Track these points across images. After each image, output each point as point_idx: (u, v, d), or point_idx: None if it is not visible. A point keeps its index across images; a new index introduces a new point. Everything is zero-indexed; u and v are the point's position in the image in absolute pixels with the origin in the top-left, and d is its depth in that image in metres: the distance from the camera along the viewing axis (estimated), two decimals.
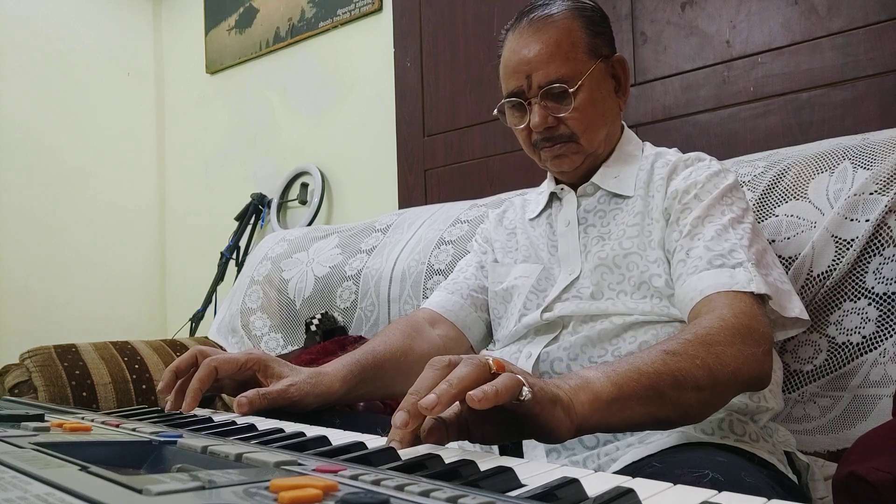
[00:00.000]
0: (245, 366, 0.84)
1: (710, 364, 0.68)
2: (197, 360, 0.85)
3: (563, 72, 0.94)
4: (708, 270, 0.83)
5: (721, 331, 0.73)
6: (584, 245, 0.98)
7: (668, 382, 0.65)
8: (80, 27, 3.15)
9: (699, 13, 1.73)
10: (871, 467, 0.69)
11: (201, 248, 3.14)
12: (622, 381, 0.63)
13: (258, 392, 0.80)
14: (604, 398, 0.61)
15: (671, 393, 0.65)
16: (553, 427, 0.57)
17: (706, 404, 0.70)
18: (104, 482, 0.36)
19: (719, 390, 0.70)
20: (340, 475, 0.39)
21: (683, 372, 0.66)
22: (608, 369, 0.64)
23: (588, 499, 0.38)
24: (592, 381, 0.62)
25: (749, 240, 0.86)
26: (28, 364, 1.42)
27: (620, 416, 0.62)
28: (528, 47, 0.95)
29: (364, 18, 2.56)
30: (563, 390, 0.59)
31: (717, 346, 0.70)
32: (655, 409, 0.65)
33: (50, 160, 3.02)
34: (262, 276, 1.84)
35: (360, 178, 2.59)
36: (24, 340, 1.83)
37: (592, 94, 0.96)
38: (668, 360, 0.67)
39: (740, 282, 0.80)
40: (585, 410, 0.59)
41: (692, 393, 0.67)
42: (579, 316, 0.92)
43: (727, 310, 0.76)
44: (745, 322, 0.75)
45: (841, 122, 1.51)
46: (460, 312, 1.08)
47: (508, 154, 2.06)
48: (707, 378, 0.68)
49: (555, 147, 0.98)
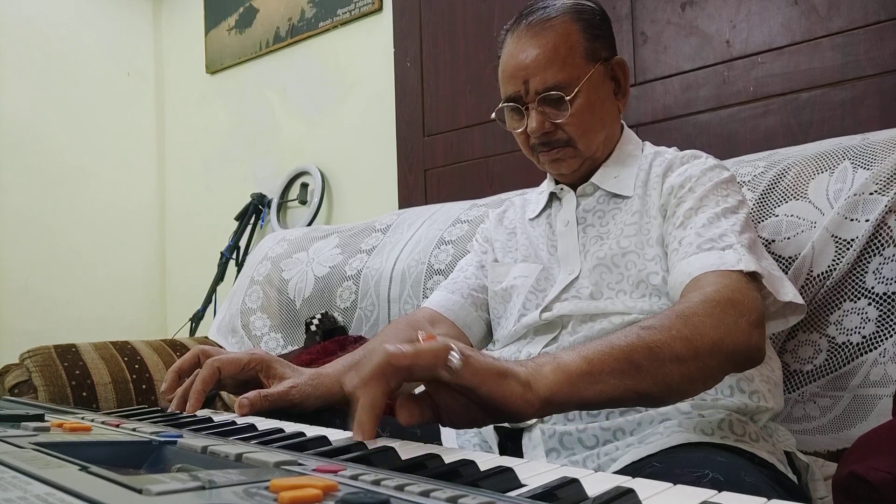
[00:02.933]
0: (248, 366, 0.84)
1: (688, 335, 0.67)
2: (199, 360, 0.85)
3: (560, 78, 0.93)
4: (697, 254, 0.83)
5: (701, 304, 0.72)
6: (584, 245, 0.98)
7: (643, 354, 0.64)
8: (80, 27, 3.15)
9: (699, 13, 1.73)
10: (872, 467, 0.68)
11: (201, 248, 3.14)
12: (593, 356, 0.62)
13: (259, 393, 0.80)
14: (572, 371, 0.61)
15: (648, 364, 0.64)
16: (508, 401, 0.56)
17: (690, 378, 0.69)
18: (104, 482, 0.36)
19: (703, 362, 0.68)
20: (340, 475, 0.39)
21: (659, 343, 0.65)
22: (580, 347, 0.64)
23: (588, 499, 0.38)
24: (560, 356, 0.62)
25: (741, 227, 0.85)
26: (28, 364, 1.42)
27: (594, 391, 0.62)
28: (526, 52, 0.94)
29: (364, 18, 2.56)
30: (522, 365, 0.59)
31: (694, 318, 0.69)
32: (632, 383, 0.64)
33: (50, 160, 3.02)
34: (262, 276, 1.84)
35: (360, 178, 2.59)
36: (24, 340, 1.83)
37: (590, 99, 0.95)
38: (642, 334, 0.66)
39: (729, 262, 0.80)
40: (550, 384, 0.59)
41: (672, 365, 0.66)
42: (578, 316, 0.92)
43: (710, 287, 0.76)
44: (727, 294, 0.74)
45: (841, 122, 1.51)
46: (460, 312, 1.08)
47: (508, 154, 2.06)
48: (686, 348, 0.67)
49: (552, 151, 0.98)
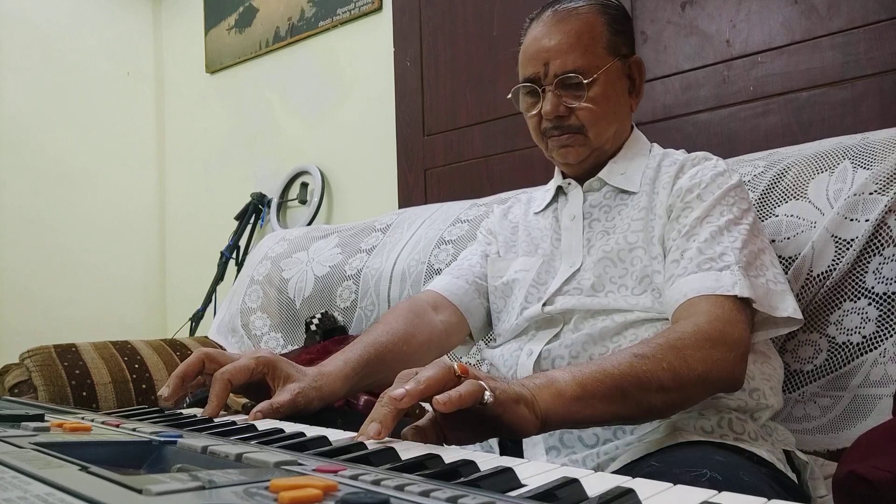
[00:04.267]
0: (255, 371, 0.83)
1: (677, 367, 0.72)
2: (204, 364, 0.84)
3: (581, 63, 0.95)
4: (696, 273, 0.84)
5: (692, 336, 0.75)
6: (588, 239, 0.99)
7: (633, 383, 0.69)
8: (80, 27, 3.15)
9: (699, 13, 1.73)
10: (872, 466, 0.69)
11: (201, 247, 3.14)
12: (587, 381, 0.67)
13: (272, 405, 0.79)
14: (567, 396, 0.65)
15: (635, 393, 0.69)
16: (519, 423, 0.61)
17: (672, 405, 0.74)
18: (104, 482, 0.36)
19: (686, 392, 0.74)
20: (340, 475, 0.39)
21: (649, 374, 0.70)
22: (575, 370, 0.69)
23: (588, 499, 0.38)
24: (557, 380, 0.66)
25: (743, 242, 0.86)
26: (28, 364, 1.42)
27: (585, 414, 0.67)
28: (550, 36, 0.97)
29: (364, 18, 2.56)
30: (526, 388, 0.64)
31: (685, 350, 0.73)
32: (619, 409, 0.69)
33: (50, 160, 3.02)
34: (262, 276, 1.84)
35: (360, 177, 2.59)
36: (24, 340, 1.83)
37: (606, 90, 0.97)
38: (634, 363, 0.70)
39: (724, 285, 0.82)
40: (549, 406, 0.64)
41: (657, 394, 0.71)
42: (581, 312, 0.93)
43: (703, 317, 0.79)
44: (719, 328, 0.77)
45: (841, 121, 1.51)
46: (464, 297, 1.09)
47: (508, 154, 2.06)
48: (672, 380, 0.71)
49: (563, 137, 0.99)
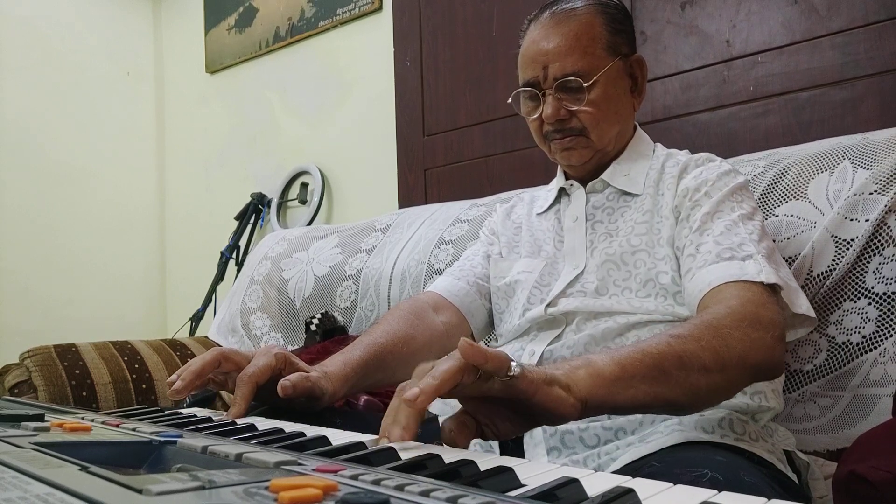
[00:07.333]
0: (276, 368, 0.81)
1: (716, 346, 0.69)
2: (220, 363, 0.84)
3: (580, 66, 0.95)
4: (717, 263, 0.83)
5: (727, 316, 0.73)
6: (591, 241, 0.99)
7: (673, 363, 0.66)
8: (80, 27, 3.15)
9: (699, 12, 1.73)
10: (872, 466, 0.69)
11: (201, 247, 3.14)
12: (626, 361, 0.64)
13: (301, 375, 0.79)
14: (606, 375, 0.62)
15: (676, 373, 0.66)
16: (555, 406, 0.58)
17: (716, 388, 0.70)
18: (104, 482, 0.36)
19: (728, 374, 0.70)
20: (340, 475, 0.39)
21: (689, 353, 0.67)
22: (612, 351, 0.65)
23: (588, 499, 0.38)
24: (595, 361, 0.63)
25: (759, 235, 0.86)
26: (28, 364, 1.42)
27: (626, 395, 0.63)
28: (548, 39, 0.96)
29: (364, 18, 2.55)
30: (560, 370, 0.60)
31: (723, 330, 0.71)
32: (662, 390, 0.65)
33: (50, 160, 3.02)
34: (262, 276, 1.84)
35: (360, 177, 2.59)
36: (24, 340, 1.83)
37: (607, 91, 0.97)
38: (672, 342, 0.67)
39: (750, 272, 0.80)
40: (588, 386, 0.60)
41: (699, 375, 0.67)
42: (583, 313, 0.93)
43: (734, 300, 0.77)
44: (752, 309, 0.75)
45: (841, 121, 1.51)
46: (465, 298, 1.08)
47: (508, 154, 2.06)
48: (713, 360, 0.68)
49: (565, 140, 0.98)
